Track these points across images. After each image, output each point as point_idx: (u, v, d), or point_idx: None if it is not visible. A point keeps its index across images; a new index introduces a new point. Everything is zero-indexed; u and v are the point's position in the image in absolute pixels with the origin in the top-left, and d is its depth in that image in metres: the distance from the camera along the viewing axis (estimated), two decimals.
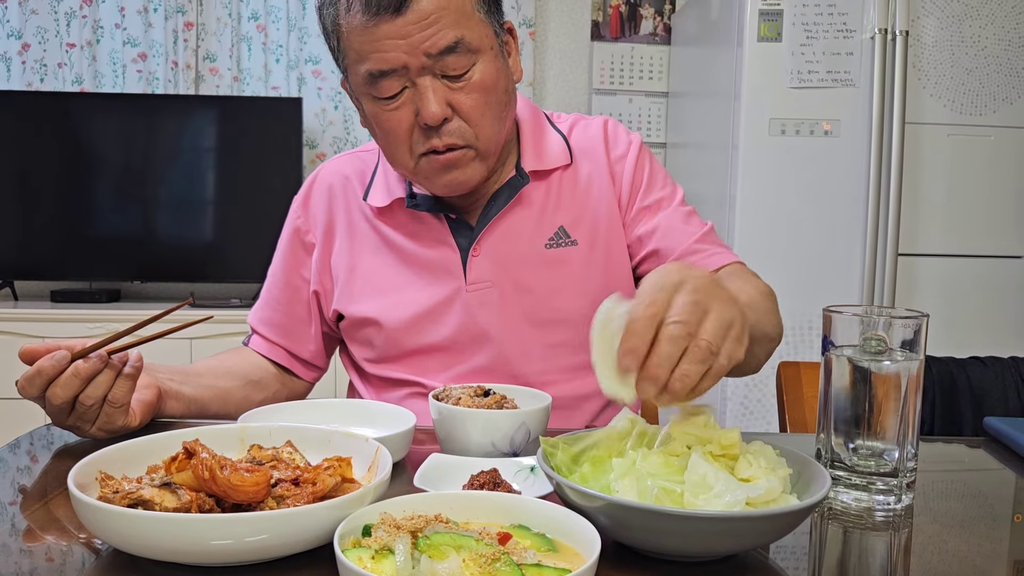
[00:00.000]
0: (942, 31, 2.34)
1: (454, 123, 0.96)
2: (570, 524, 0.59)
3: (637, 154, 1.13)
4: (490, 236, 1.07)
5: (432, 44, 0.92)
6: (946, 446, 1.04)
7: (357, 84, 0.98)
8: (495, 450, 0.83)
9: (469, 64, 0.95)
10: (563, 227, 1.09)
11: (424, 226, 1.09)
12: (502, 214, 1.07)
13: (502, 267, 1.07)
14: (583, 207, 1.10)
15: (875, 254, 2.33)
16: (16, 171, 2.86)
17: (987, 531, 0.73)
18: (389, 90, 0.95)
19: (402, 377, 1.11)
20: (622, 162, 1.12)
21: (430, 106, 0.94)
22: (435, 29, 0.92)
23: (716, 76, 2.57)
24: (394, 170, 1.08)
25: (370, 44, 0.93)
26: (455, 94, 0.96)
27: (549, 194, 1.10)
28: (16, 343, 2.63)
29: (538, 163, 1.09)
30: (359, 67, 0.95)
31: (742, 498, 0.61)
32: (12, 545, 0.63)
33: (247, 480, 0.60)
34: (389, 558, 0.53)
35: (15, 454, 0.85)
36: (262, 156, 2.89)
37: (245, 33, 3.05)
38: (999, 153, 2.40)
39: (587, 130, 1.15)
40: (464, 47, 0.94)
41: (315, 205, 1.16)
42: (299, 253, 1.17)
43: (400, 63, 0.93)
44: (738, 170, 2.36)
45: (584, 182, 1.11)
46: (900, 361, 0.76)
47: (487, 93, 0.97)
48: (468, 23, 0.94)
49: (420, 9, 0.91)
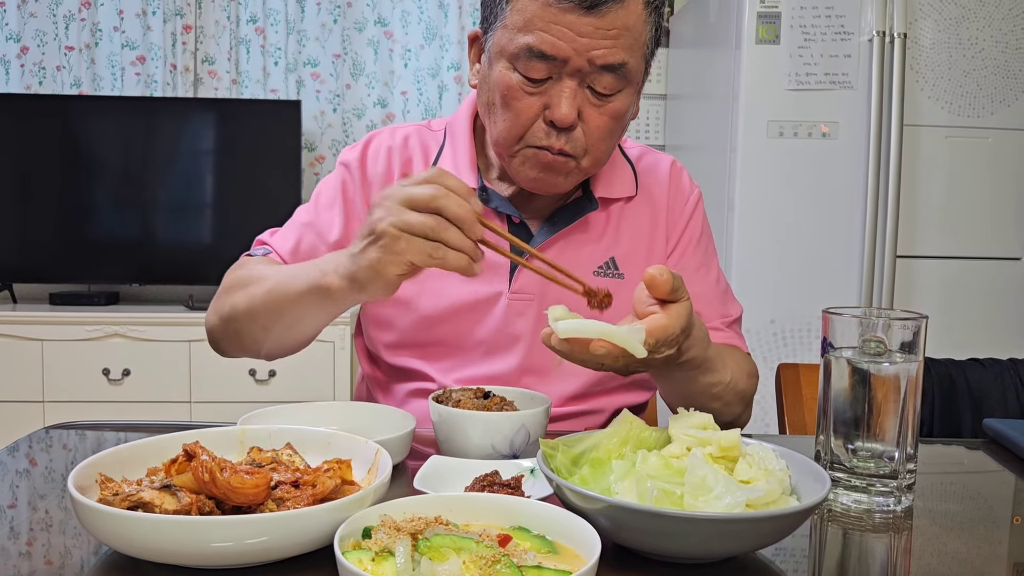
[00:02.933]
0: (940, 33, 2.34)
1: (577, 132, 0.96)
2: (570, 526, 0.59)
3: (695, 207, 1.15)
4: (546, 250, 1.07)
5: (602, 56, 0.91)
6: (945, 448, 1.04)
7: (505, 48, 0.95)
8: (495, 452, 0.83)
9: (616, 89, 0.95)
10: (614, 258, 1.10)
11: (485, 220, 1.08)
12: (563, 232, 1.07)
13: (548, 283, 1.06)
14: (636, 243, 1.11)
15: (874, 256, 2.33)
16: (15, 174, 2.86)
17: (986, 533, 0.73)
18: (537, 72, 0.93)
19: (415, 368, 1.09)
20: (681, 210, 1.14)
21: (564, 108, 0.93)
22: (611, 43, 0.91)
23: (714, 78, 2.57)
24: (493, 147, 1.04)
25: (545, 23, 0.91)
26: (590, 108, 0.95)
27: (609, 223, 1.10)
28: (15, 346, 2.64)
29: (607, 191, 1.10)
30: (520, 36, 0.92)
31: (742, 500, 0.61)
32: (11, 548, 0.63)
33: (247, 482, 0.60)
34: (389, 560, 0.53)
35: (14, 457, 0.85)
36: (261, 159, 2.89)
37: (244, 36, 3.05)
38: (997, 155, 2.40)
39: (654, 166, 1.16)
40: (624, 73, 0.94)
41: (372, 166, 1.11)
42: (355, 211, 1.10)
43: (564, 55, 0.91)
44: (736, 172, 2.36)
45: (642, 219, 1.12)
46: (899, 363, 0.76)
47: (615, 121, 0.98)
48: (637, 54, 0.95)
49: (610, 18, 0.90)
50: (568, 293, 0.87)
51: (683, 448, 0.69)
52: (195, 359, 2.67)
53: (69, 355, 2.65)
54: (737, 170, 2.36)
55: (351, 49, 3.10)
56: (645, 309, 0.80)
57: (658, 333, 0.77)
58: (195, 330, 2.66)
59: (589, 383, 1.08)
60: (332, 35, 3.08)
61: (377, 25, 3.10)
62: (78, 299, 2.85)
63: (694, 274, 1.12)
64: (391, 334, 1.11)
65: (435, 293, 1.07)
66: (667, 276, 0.77)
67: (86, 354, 2.66)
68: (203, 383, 2.68)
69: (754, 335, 2.37)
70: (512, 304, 1.07)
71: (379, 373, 1.16)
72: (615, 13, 0.90)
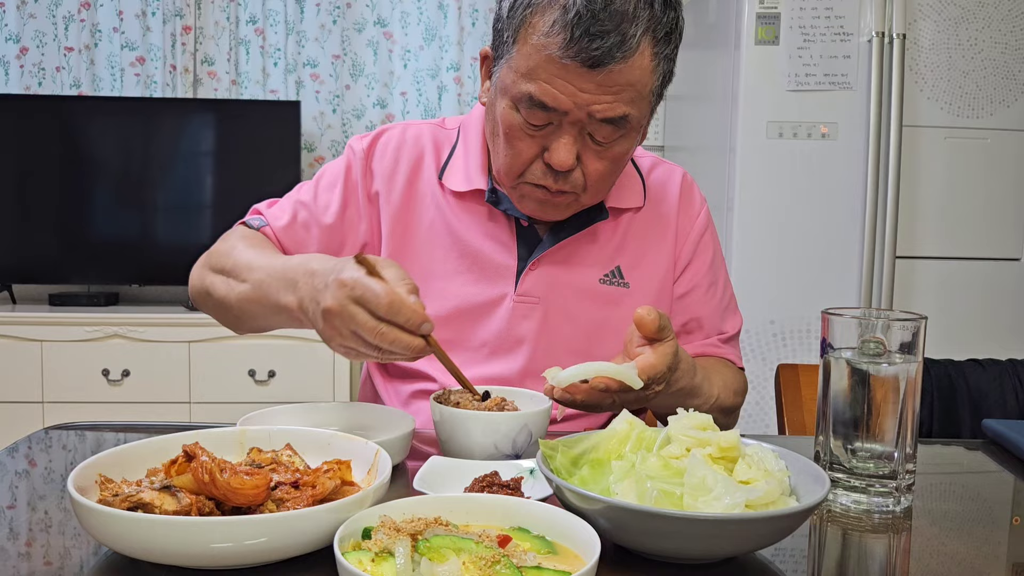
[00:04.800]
0: (939, 34, 2.35)
1: (575, 174, 0.97)
2: (570, 526, 0.59)
3: (705, 227, 1.17)
4: (553, 256, 1.07)
5: (602, 111, 0.92)
6: (944, 448, 1.04)
7: (509, 88, 0.95)
8: (497, 452, 0.83)
9: (617, 136, 0.95)
10: (620, 267, 1.10)
11: (493, 223, 1.08)
12: (571, 240, 1.08)
13: (554, 288, 1.07)
14: (643, 253, 1.12)
15: (873, 257, 2.33)
16: (14, 175, 2.86)
17: (986, 533, 0.73)
18: (537, 120, 0.94)
19: (419, 368, 1.09)
20: (690, 223, 1.15)
21: (562, 154, 0.94)
22: (612, 99, 0.91)
23: (713, 79, 2.58)
24: (496, 173, 1.05)
25: (548, 75, 0.91)
26: (589, 153, 0.96)
27: (616, 232, 1.11)
28: (14, 347, 2.64)
29: (618, 201, 1.10)
30: (523, 82, 0.92)
31: (741, 500, 0.61)
32: (11, 549, 0.63)
33: (247, 483, 0.60)
34: (389, 561, 0.53)
35: (13, 458, 0.85)
36: (260, 160, 2.89)
37: (243, 37, 3.05)
38: (996, 156, 2.41)
39: (665, 179, 1.16)
40: (624, 123, 0.94)
41: (379, 160, 1.11)
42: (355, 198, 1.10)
43: (564, 108, 0.91)
44: (736, 173, 2.36)
45: (650, 230, 1.13)
46: (898, 363, 0.76)
47: (616, 164, 0.99)
48: (641, 103, 0.95)
49: (612, 76, 0.90)
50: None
51: (682, 449, 0.69)
52: (195, 360, 2.67)
53: (69, 356, 2.65)
54: (736, 171, 2.36)
55: (350, 50, 3.10)
56: (635, 350, 0.87)
57: (649, 371, 0.84)
58: (195, 331, 2.66)
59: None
60: (331, 36, 3.08)
61: (376, 26, 3.10)
62: (78, 300, 2.85)
63: (704, 293, 1.15)
64: None
65: (439, 294, 1.07)
66: (654, 316, 0.84)
67: (86, 355, 2.66)
68: (203, 384, 2.68)
69: (754, 336, 2.37)
70: (517, 307, 1.07)
71: (383, 373, 1.16)
72: (619, 71, 0.90)
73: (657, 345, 0.86)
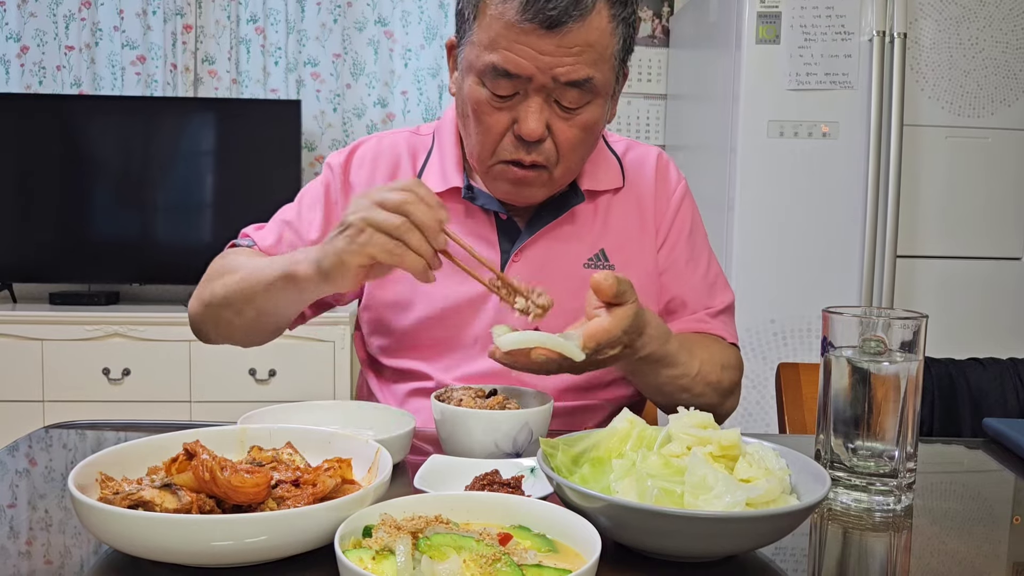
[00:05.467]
0: (940, 33, 2.34)
1: (547, 144, 0.97)
2: (570, 525, 0.59)
3: (681, 200, 1.16)
4: (534, 245, 1.08)
5: (565, 73, 0.92)
6: (945, 447, 1.04)
7: (473, 64, 0.96)
8: (498, 450, 0.83)
9: (584, 102, 0.96)
10: (604, 250, 1.10)
11: (473, 220, 1.09)
12: (551, 227, 1.08)
13: (539, 277, 1.07)
14: (625, 234, 1.12)
15: (874, 256, 2.33)
16: (15, 174, 2.86)
17: (986, 532, 0.73)
18: (503, 89, 0.95)
19: (414, 368, 1.10)
20: (667, 204, 1.15)
21: (531, 123, 0.94)
22: (575, 60, 0.92)
23: (714, 78, 2.57)
24: (469, 159, 1.07)
25: (508, 42, 0.92)
26: (558, 121, 0.96)
27: (597, 215, 1.11)
28: (15, 346, 2.64)
29: (593, 183, 1.11)
30: (486, 54, 0.94)
31: (742, 499, 0.61)
32: (11, 547, 0.63)
33: (247, 481, 0.60)
34: (390, 559, 0.53)
35: (14, 456, 0.85)
36: (261, 159, 2.89)
37: (244, 36, 3.05)
38: (997, 155, 2.40)
39: (641, 159, 1.16)
40: (590, 87, 0.94)
41: (356, 172, 1.13)
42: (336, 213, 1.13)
43: (527, 73, 0.92)
44: (736, 172, 2.36)
45: (630, 210, 1.13)
46: (899, 362, 0.76)
47: (586, 132, 0.99)
48: (604, 66, 0.95)
49: (572, 36, 0.91)
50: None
51: (683, 447, 0.69)
52: (195, 359, 2.67)
53: (69, 355, 2.65)
54: (737, 170, 2.36)
55: (351, 49, 3.10)
56: (591, 312, 0.87)
57: (599, 335, 0.84)
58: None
59: (586, 375, 1.09)
60: (332, 35, 3.08)
61: (377, 25, 3.10)
62: (78, 299, 2.85)
63: (683, 268, 1.14)
64: (387, 338, 1.12)
65: (427, 296, 1.08)
66: (611, 282, 0.83)
67: (86, 354, 2.66)
68: (203, 383, 2.68)
69: (754, 335, 2.37)
70: None
71: (379, 374, 1.16)
72: (577, 31, 0.91)
73: (614, 309, 0.85)
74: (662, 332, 0.94)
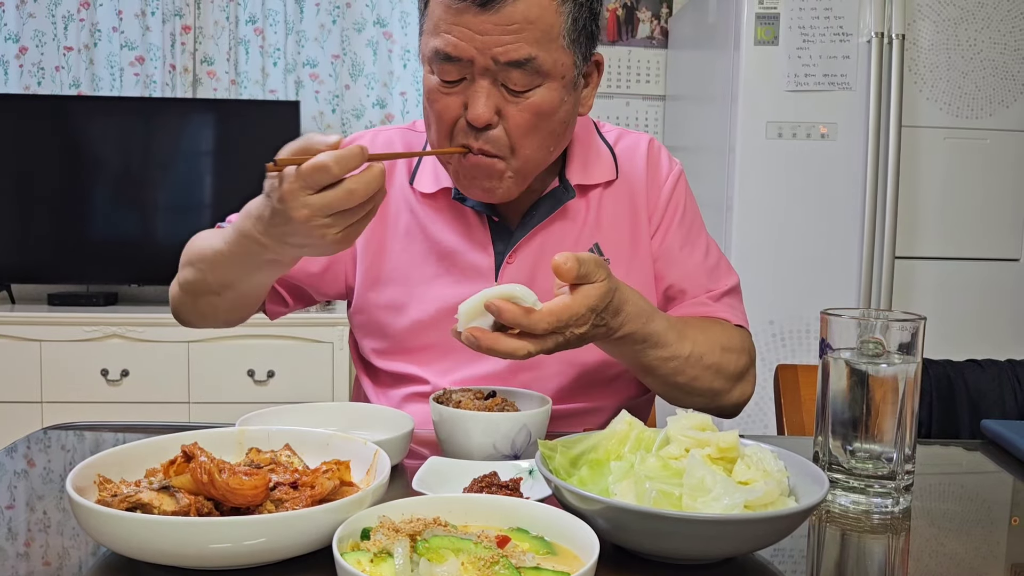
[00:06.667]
0: (938, 35, 2.35)
1: (496, 131, 0.95)
2: (569, 527, 0.59)
3: (674, 185, 1.13)
4: (527, 245, 1.06)
5: (504, 52, 0.90)
6: (943, 449, 1.05)
7: (424, 52, 0.97)
8: (496, 452, 0.83)
9: (532, 84, 0.94)
10: (598, 244, 1.09)
11: (465, 222, 1.08)
12: (542, 225, 1.07)
13: (534, 277, 1.06)
14: (619, 226, 1.10)
15: (872, 257, 2.33)
16: (13, 174, 2.86)
17: (984, 534, 0.73)
18: (449, 74, 0.94)
19: (409, 372, 1.09)
20: (659, 189, 1.13)
21: (478, 107, 0.93)
22: (513, 39, 0.90)
23: (713, 79, 2.58)
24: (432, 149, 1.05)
25: (447, 24, 0.91)
26: (508, 106, 0.94)
27: (590, 209, 1.10)
28: (13, 347, 2.64)
29: (584, 177, 1.09)
30: (431, 39, 0.94)
31: (740, 501, 0.61)
32: (9, 549, 0.63)
33: (245, 483, 0.60)
34: (388, 561, 0.53)
35: (12, 458, 0.85)
36: (260, 160, 2.85)
37: (243, 36, 3.05)
38: (995, 156, 2.41)
39: (632, 148, 1.14)
40: (533, 68, 0.92)
41: None
42: None
43: (467, 56, 0.91)
44: (735, 173, 2.36)
45: (623, 201, 1.11)
46: (897, 364, 0.76)
47: (540, 118, 0.96)
48: (548, 47, 0.92)
49: (506, 14, 0.89)
50: None
51: (681, 449, 0.69)
52: (194, 360, 2.67)
53: (67, 356, 2.65)
54: (736, 171, 2.36)
55: (350, 50, 3.10)
56: (556, 292, 0.84)
57: (559, 312, 0.80)
58: (194, 331, 2.66)
59: (583, 372, 1.08)
60: (331, 36, 3.08)
61: (376, 26, 3.10)
62: (77, 300, 2.85)
63: (679, 253, 1.11)
64: (382, 341, 1.11)
65: (421, 299, 1.07)
66: (571, 264, 0.80)
67: (84, 355, 2.65)
68: (202, 384, 2.68)
69: (753, 336, 2.37)
70: None
71: (374, 378, 1.16)
72: (512, 8, 0.89)
73: (579, 287, 0.82)
74: (644, 311, 0.91)
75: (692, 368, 0.98)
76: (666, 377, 0.98)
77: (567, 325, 0.81)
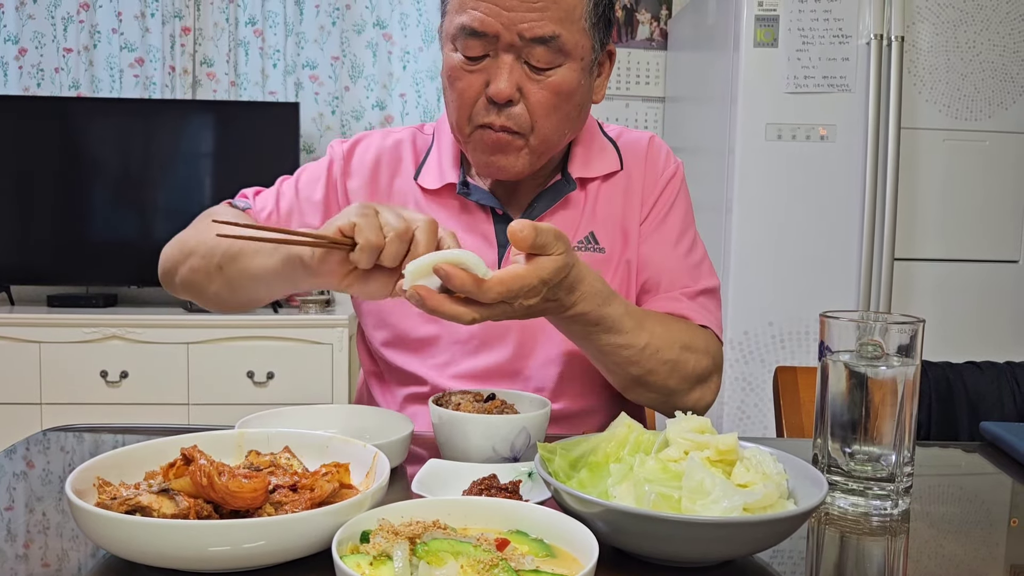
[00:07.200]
0: (937, 36, 2.35)
1: (518, 108, 0.98)
2: (568, 530, 0.59)
3: (669, 179, 1.14)
4: None
5: (529, 28, 0.93)
6: (942, 451, 1.05)
7: (448, 31, 0.99)
8: (495, 455, 0.83)
9: (554, 63, 0.96)
10: (593, 233, 1.10)
11: (469, 216, 1.09)
12: (544, 216, 1.08)
13: None
14: (614, 216, 1.11)
15: (871, 259, 2.33)
16: (13, 176, 2.86)
17: (984, 536, 0.73)
18: (473, 50, 0.96)
19: (411, 369, 1.10)
20: (655, 182, 1.14)
21: (500, 83, 0.95)
22: (539, 16, 0.93)
23: (713, 81, 2.58)
24: (452, 133, 1.07)
25: (475, 1, 0.94)
26: (530, 83, 0.97)
27: (587, 201, 1.11)
28: (12, 349, 2.63)
29: (585, 171, 1.11)
30: (456, 16, 0.96)
31: (739, 503, 0.61)
32: (8, 551, 0.63)
33: (245, 486, 0.60)
34: (387, 564, 0.53)
35: (11, 460, 0.85)
36: (259, 161, 2.89)
37: (242, 38, 3.05)
38: (994, 158, 2.41)
39: (633, 143, 1.16)
40: (557, 45, 0.95)
41: (360, 158, 1.15)
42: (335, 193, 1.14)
43: (493, 31, 0.94)
44: (734, 175, 2.37)
45: (618, 192, 1.13)
46: (896, 366, 0.76)
47: (560, 97, 0.98)
48: (571, 26, 0.96)
49: None
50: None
51: (681, 452, 0.69)
52: (193, 361, 2.67)
53: (67, 357, 2.65)
54: (735, 173, 2.36)
55: (350, 51, 3.10)
56: (511, 259, 0.80)
57: (508, 281, 0.76)
58: (194, 332, 2.66)
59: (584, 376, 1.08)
60: (331, 37, 3.08)
61: (376, 27, 3.10)
62: (76, 301, 2.85)
63: (663, 245, 1.11)
64: (386, 331, 1.12)
65: None
66: (528, 231, 0.76)
67: (84, 356, 2.65)
68: (201, 386, 2.68)
69: (752, 338, 2.37)
70: None
71: (379, 371, 1.17)
72: None
73: (535, 258, 0.78)
74: (600, 293, 0.89)
75: (648, 361, 0.96)
76: (620, 366, 0.96)
77: (516, 296, 0.78)
